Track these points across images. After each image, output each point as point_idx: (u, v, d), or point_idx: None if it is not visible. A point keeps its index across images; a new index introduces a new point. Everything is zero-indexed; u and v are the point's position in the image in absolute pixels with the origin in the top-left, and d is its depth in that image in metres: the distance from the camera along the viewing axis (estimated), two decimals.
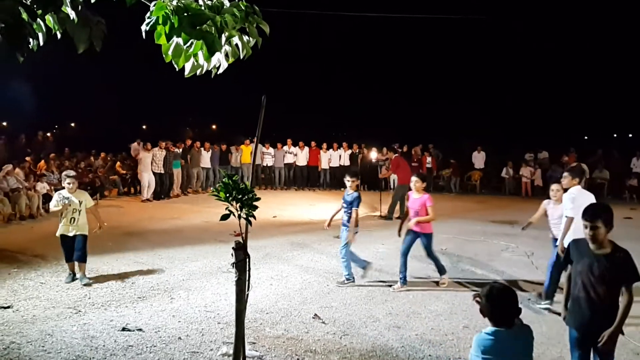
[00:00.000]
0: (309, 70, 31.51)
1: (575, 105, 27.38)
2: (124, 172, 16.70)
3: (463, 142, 22.30)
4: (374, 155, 17.90)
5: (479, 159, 19.96)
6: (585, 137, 28.88)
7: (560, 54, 26.26)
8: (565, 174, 6.27)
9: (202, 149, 17.54)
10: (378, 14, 18.27)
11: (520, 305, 2.70)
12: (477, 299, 2.75)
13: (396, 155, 13.56)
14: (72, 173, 6.95)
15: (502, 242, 9.56)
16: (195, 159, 17.21)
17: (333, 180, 19.75)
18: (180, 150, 16.63)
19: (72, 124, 38.71)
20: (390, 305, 5.89)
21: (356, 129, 28.70)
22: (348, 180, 7.13)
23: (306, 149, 19.55)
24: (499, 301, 2.65)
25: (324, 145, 19.66)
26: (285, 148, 19.31)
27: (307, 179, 19.73)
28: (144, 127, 36.56)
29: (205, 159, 17.59)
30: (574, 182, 6.09)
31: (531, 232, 7.12)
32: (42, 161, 14.55)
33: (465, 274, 7.26)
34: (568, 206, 5.78)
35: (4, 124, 26.73)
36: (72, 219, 6.68)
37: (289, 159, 19.30)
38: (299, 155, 19.41)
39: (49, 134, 26.35)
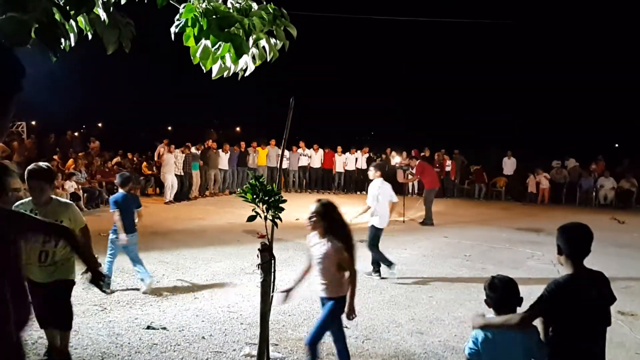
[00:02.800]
0: (334, 73, 31.50)
1: (606, 112, 26.80)
2: (150, 172, 16.92)
3: (490, 148, 22.05)
4: (397, 159, 17.85)
5: (509, 165, 19.66)
6: (616, 145, 28.25)
7: (592, 60, 25.76)
8: (371, 168, 7.74)
9: (220, 150, 17.47)
10: (406, 17, 18.21)
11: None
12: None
13: (420, 160, 13.45)
14: (42, 166, 3.86)
15: (528, 250, 9.40)
16: (213, 161, 17.12)
17: (348, 183, 19.74)
18: (199, 152, 16.66)
19: (100, 124, 39.41)
20: (413, 310, 5.84)
21: (381, 133, 28.62)
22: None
23: (321, 151, 19.52)
24: (500, 291, 2.81)
25: (339, 149, 19.61)
26: (300, 151, 19.28)
27: (321, 181, 19.70)
28: (169, 128, 37.05)
29: (224, 160, 17.51)
30: (377, 175, 7.39)
31: None
32: (71, 160, 14.83)
33: None
34: (374, 193, 7.21)
35: (33, 122, 27.32)
36: (43, 254, 3.73)
37: (304, 162, 19.27)
38: (313, 158, 19.38)
39: (76, 134, 26.89)
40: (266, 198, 2.78)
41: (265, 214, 2.85)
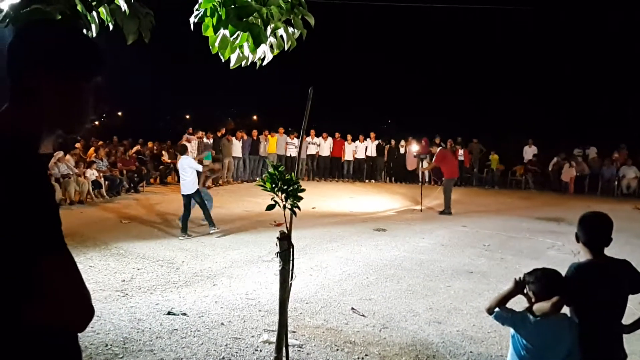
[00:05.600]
0: (351, 61, 31.34)
1: (629, 100, 26.24)
2: (169, 161, 17.07)
3: (509, 136, 21.82)
4: (414, 148, 17.72)
5: (529, 153, 19.41)
6: None
7: (613, 44, 25.20)
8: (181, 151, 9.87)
9: (233, 138, 17.38)
10: (424, 4, 17.99)
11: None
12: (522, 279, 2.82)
13: (440, 148, 13.33)
14: None
15: (548, 240, 9.30)
16: (227, 149, 17.02)
17: (358, 172, 19.69)
18: (212, 140, 16.59)
19: (120, 113, 39.85)
20: (430, 300, 5.83)
21: (397, 122, 28.45)
22: None
23: (330, 139, 19.46)
24: (546, 282, 2.72)
25: (349, 137, 19.55)
26: (309, 139, 19.20)
27: (329, 170, 19.70)
28: (187, 117, 37.28)
29: (237, 148, 17.42)
30: (179, 157, 9.54)
31: None
32: (92, 148, 15.05)
33: (508, 271, 7.10)
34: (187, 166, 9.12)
35: None
36: None
37: (312, 150, 19.25)
38: (322, 146, 19.35)
39: (97, 122, 27.26)
40: (285, 187, 2.79)
41: (284, 202, 2.87)
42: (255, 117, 39.80)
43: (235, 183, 17.27)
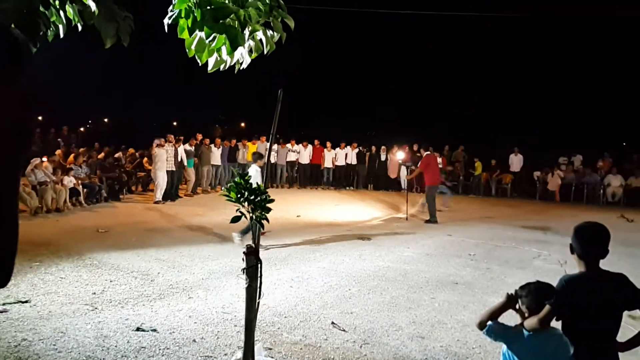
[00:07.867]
0: (337, 69, 31.28)
1: (614, 109, 26.42)
2: (151, 168, 16.75)
3: (497, 145, 21.88)
4: (400, 155, 17.58)
5: (515, 162, 19.42)
6: (624, 143, 27.82)
7: (600, 56, 25.38)
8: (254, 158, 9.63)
9: (212, 145, 17.05)
10: (411, 11, 17.90)
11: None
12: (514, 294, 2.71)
13: (427, 153, 13.16)
14: None
15: (534, 249, 9.17)
16: (206, 157, 16.60)
17: (338, 179, 19.58)
18: (193, 147, 16.23)
19: (105, 120, 39.43)
20: (414, 313, 5.63)
21: (385, 130, 28.38)
22: None
23: (310, 147, 19.40)
24: (539, 296, 2.60)
25: (329, 144, 19.51)
26: (289, 146, 19.15)
27: (309, 177, 19.59)
28: (174, 123, 36.88)
29: (216, 155, 17.04)
30: (260, 163, 9.21)
31: (565, 239, 6.76)
32: (72, 155, 14.69)
33: (494, 282, 6.94)
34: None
35: (40, 118, 27.12)
36: None
37: (292, 157, 19.16)
38: (302, 153, 19.28)
39: (82, 129, 26.83)
40: (252, 197, 2.58)
41: (251, 214, 2.65)
42: (243, 124, 39.47)
43: (212, 191, 16.89)
